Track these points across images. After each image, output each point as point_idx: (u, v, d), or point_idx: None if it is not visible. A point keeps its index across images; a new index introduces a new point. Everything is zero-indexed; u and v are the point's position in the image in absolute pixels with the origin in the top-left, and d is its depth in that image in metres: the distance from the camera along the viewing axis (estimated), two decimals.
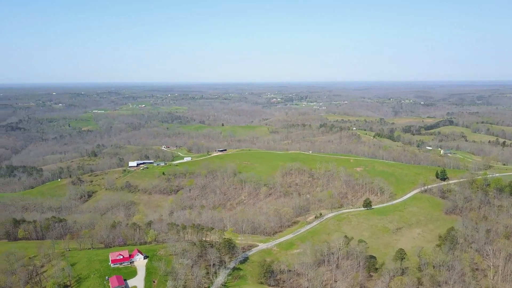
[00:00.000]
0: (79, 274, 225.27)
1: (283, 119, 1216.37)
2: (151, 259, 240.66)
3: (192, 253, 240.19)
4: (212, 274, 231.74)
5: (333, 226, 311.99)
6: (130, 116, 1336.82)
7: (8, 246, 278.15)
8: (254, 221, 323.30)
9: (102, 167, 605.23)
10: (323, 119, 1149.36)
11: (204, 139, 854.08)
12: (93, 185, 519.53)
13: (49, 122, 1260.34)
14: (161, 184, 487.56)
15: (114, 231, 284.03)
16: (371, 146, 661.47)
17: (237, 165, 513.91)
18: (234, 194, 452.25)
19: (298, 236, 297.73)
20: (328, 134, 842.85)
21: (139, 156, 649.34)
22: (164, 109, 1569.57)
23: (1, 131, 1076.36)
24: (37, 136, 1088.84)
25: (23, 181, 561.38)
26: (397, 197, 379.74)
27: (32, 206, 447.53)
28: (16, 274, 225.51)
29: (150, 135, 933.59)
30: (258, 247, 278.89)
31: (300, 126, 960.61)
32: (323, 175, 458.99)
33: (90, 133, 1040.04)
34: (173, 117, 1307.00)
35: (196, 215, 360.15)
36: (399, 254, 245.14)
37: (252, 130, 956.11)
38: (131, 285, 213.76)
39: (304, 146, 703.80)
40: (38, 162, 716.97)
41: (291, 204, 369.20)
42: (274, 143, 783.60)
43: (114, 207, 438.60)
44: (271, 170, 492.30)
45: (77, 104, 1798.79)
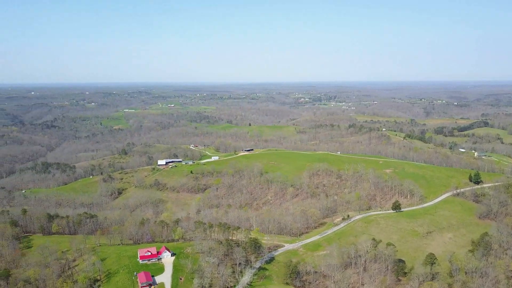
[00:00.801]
0: (108, 269, 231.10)
1: (310, 119, 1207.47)
2: (178, 256, 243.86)
3: (218, 251, 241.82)
4: (238, 273, 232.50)
5: (360, 228, 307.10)
6: (159, 115, 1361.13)
7: (42, 240, 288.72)
8: (280, 222, 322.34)
9: (132, 165, 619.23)
10: (352, 119, 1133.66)
11: (231, 139, 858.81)
12: (123, 182, 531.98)
13: (82, 121, 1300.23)
14: (189, 183, 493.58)
15: (142, 228, 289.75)
16: (401, 147, 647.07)
17: (264, 165, 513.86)
18: (261, 194, 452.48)
19: (325, 238, 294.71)
20: (357, 135, 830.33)
21: (168, 154, 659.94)
22: (193, 108, 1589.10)
23: (37, 129, 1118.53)
24: (71, 134, 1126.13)
25: (57, 177, 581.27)
26: (428, 200, 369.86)
27: (65, 202, 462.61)
28: (49, 267, 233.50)
29: (179, 134, 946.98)
30: (284, 248, 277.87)
31: (328, 127, 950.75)
32: (351, 176, 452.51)
33: (121, 132, 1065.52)
34: (201, 117, 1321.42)
35: (222, 214, 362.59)
36: (429, 258, 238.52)
37: (279, 130, 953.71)
38: (158, 282, 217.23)
39: (332, 146, 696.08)
40: (72, 160, 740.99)
41: (318, 205, 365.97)
42: (302, 143, 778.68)
43: (143, 204, 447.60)
44: (298, 171, 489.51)
45: (109, 103, 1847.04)
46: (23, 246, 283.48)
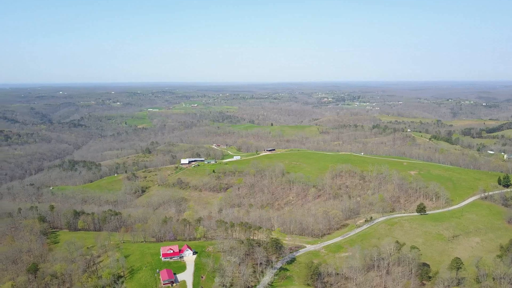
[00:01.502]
0: (132, 265, 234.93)
1: (334, 119, 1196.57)
2: (199, 255, 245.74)
3: (239, 251, 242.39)
4: (259, 273, 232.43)
5: (384, 230, 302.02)
6: (183, 115, 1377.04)
7: (69, 236, 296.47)
8: (302, 222, 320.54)
9: (156, 164, 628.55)
10: (375, 120, 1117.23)
11: (253, 139, 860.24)
12: (146, 181, 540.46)
13: (108, 120, 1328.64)
14: (211, 182, 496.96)
15: (165, 226, 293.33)
16: (427, 149, 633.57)
17: (286, 165, 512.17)
18: (282, 194, 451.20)
19: (347, 239, 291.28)
20: (380, 136, 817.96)
21: (190, 153, 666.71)
22: (216, 108, 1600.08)
23: (65, 128, 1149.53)
24: (97, 133, 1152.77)
25: (83, 175, 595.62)
26: (454, 203, 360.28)
27: (91, 199, 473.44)
28: (75, 263, 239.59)
29: (201, 133, 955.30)
30: (305, 249, 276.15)
31: (352, 127, 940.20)
32: (374, 177, 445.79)
33: (145, 131, 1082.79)
34: (224, 117, 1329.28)
35: (244, 214, 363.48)
36: (455, 263, 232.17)
37: (301, 130, 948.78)
38: (180, 280, 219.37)
39: (355, 147, 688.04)
40: (97, 158, 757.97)
41: (340, 207, 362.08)
42: (324, 144, 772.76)
43: (166, 202, 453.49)
44: (320, 171, 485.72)
45: (134, 102, 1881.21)
46: (51, 241, 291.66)
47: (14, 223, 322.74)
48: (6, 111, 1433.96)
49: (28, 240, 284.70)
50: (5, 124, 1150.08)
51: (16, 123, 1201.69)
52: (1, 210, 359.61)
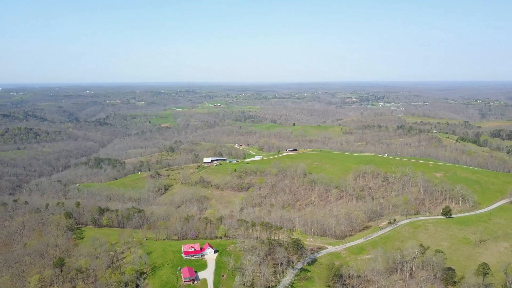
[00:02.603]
0: (154, 262, 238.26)
1: (357, 119, 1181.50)
2: (220, 253, 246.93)
3: (260, 250, 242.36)
4: (280, 273, 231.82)
5: (407, 233, 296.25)
6: (205, 114, 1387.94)
7: (93, 232, 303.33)
8: (323, 223, 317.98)
9: (179, 162, 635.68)
10: (400, 120, 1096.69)
11: (275, 138, 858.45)
12: (169, 179, 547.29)
13: (132, 119, 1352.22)
14: (233, 181, 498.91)
15: (187, 224, 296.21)
16: (453, 150, 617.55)
17: (308, 166, 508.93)
18: (304, 195, 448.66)
19: (370, 242, 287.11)
20: (405, 137, 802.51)
21: (213, 153, 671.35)
22: (238, 108, 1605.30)
23: (91, 126, 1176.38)
24: (122, 131, 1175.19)
25: (108, 172, 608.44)
26: (482, 206, 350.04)
27: (115, 196, 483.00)
28: (99, 258, 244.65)
29: (224, 133, 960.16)
30: (327, 250, 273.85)
31: (376, 127, 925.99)
32: (398, 179, 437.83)
33: (169, 130, 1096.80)
34: (246, 116, 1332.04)
35: (265, 213, 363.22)
36: (481, 268, 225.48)
37: (324, 130, 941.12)
38: (201, 278, 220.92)
39: (379, 148, 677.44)
40: (122, 156, 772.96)
41: (363, 208, 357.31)
42: (347, 144, 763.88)
43: (188, 201, 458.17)
44: (343, 172, 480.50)
45: (158, 102, 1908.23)
46: (76, 236, 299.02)
47: (42, 218, 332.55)
48: (36, 110, 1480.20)
49: (55, 235, 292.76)
50: (35, 122, 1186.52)
51: (45, 121, 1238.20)
52: (30, 205, 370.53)
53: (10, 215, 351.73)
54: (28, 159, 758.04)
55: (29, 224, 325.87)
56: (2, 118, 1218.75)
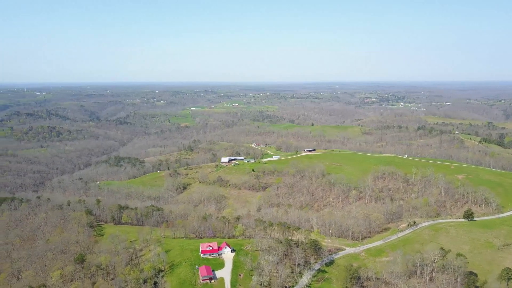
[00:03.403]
0: (172, 260, 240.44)
1: (377, 120, 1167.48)
2: (238, 253, 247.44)
3: (277, 250, 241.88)
4: (297, 273, 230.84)
5: (428, 236, 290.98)
6: (224, 114, 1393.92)
7: (113, 229, 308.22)
8: (341, 224, 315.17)
9: (197, 161, 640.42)
10: (421, 121, 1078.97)
11: (293, 138, 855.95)
12: (188, 178, 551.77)
13: (152, 118, 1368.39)
14: (250, 181, 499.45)
15: (205, 223, 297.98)
16: (476, 152, 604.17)
17: (326, 166, 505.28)
18: (322, 195, 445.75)
19: (388, 244, 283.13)
20: (426, 138, 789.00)
21: (231, 152, 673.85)
22: (256, 107, 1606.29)
23: (112, 125, 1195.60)
24: (141, 130, 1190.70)
25: (128, 171, 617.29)
26: (505, 210, 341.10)
27: (134, 194, 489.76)
28: (119, 255, 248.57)
29: (241, 132, 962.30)
30: (345, 251, 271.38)
31: (396, 128, 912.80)
32: (419, 181, 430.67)
33: (188, 129, 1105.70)
34: (264, 116, 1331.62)
35: (283, 213, 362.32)
36: (505, 273, 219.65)
37: (343, 131, 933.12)
38: (218, 276, 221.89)
39: (399, 149, 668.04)
40: (141, 154, 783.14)
41: (382, 210, 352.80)
42: (367, 145, 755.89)
43: (206, 200, 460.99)
44: (362, 173, 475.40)
45: (177, 101, 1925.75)
46: (96, 233, 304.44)
47: (63, 215, 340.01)
48: (59, 109, 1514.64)
49: (76, 231, 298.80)
50: (57, 121, 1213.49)
51: (67, 120, 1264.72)
52: (52, 202, 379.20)
53: (33, 212, 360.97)
54: (51, 157, 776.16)
55: (51, 220, 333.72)
56: (26, 116, 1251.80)
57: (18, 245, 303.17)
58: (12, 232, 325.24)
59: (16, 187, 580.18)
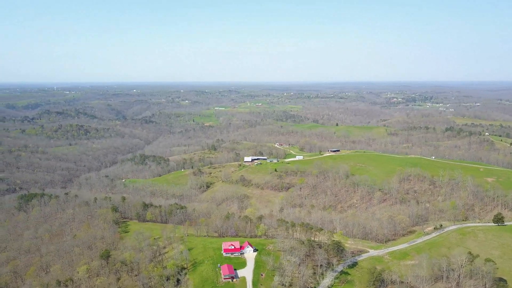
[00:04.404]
0: (195, 258, 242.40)
1: (403, 120, 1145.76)
2: (260, 252, 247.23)
3: (300, 251, 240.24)
4: (319, 275, 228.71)
5: (455, 240, 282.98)
6: (247, 114, 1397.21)
7: (137, 226, 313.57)
8: (365, 226, 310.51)
9: (220, 161, 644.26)
10: (449, 122, 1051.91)
11: (316, 138, 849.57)
12: (211, 176, 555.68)
13: (177, 117, 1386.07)
14: (273, 180, 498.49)
15: (227, 222, 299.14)
16: (507, 154, 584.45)
17: (350, 167, 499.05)
18: (346, 197, 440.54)
19: (414, 247, 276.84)
20: (454, 139, 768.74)
21: (253, 152, 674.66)
22: (280, 107, 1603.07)
23: (137, 124, 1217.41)
24: (166, 129, 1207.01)
25: (153, 169, 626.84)
26: None
27: (159, 192, 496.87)
28: (143, 252, 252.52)
29: (264, 132, 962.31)
30: (368, 253, 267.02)
31: (423, 129, 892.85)
32: (446, 183, 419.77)
33: (211, 129, 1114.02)
34: (288, 116, 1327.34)
35: (305, 214, 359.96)
36: None
37: (368, 131, 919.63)
38: (240, 275, 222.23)
39: (426, 150, 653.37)
40: (166, 153, 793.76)
41: (407, 212, 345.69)
42: (392, 146, 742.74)
43: (229, 199, 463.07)
44: (387, 175, 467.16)
45: (201, 101, 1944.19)
46: (121, 230, 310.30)
47: (90, 211, 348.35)
48: (87, 108, 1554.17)
49: (102, 228, 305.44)
50: (85, 120, 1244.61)
51: (94, 119, 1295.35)
52: (79, 198, 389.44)
53: (61, 207, 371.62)
54: (79, 155, 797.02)
55: (78, 216, 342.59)
56: (56, 115, 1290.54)
57: (47, 239, 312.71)
58: (41, 227, 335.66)
59: (46, 183, 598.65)
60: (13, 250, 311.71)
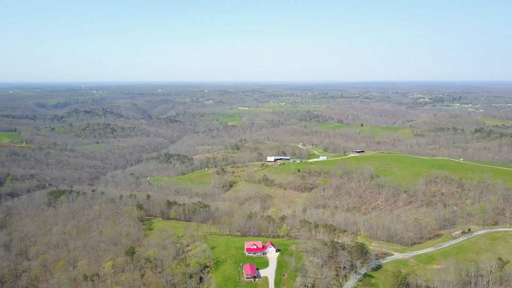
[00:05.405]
0: (217, 257, 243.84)
1: (430, 121, 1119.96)
2: (282, 253, 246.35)
3: (322, 252, 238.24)
4: (342, 277, 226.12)
5: (484, 245, 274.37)
6: (270, 114, 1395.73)
7: (162, 224, 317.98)
8: (390, 229, 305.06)
9: (243, 160, 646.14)
10: (479, 123, 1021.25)
11: (341, 139, 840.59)
12: (234, 176, 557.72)
13: (201, 117, 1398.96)
14: (296, 181, 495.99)
15: (250, 221, 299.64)
16: None
17: (375, 168, 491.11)
18: (370, 198, 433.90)
19: (440, 251, 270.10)
20: (484, 141, 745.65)
21: (276, 152, 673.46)
22: (303, 107, 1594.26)
23: (162, 123, 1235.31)
24: (190, 128, 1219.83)
25: (177, 167, 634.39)
26: None
27: (183, 191, 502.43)
28: (166, 249, 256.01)
29: (288, 132, 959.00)
30: (393, 256, 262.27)
31: (451, 130, 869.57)
32: (475, 186, 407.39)
33: (235, 128, 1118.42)
34: (311, 116, 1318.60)
35: (329, 215, 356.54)
36: None
37: (393, 132, 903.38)
38: (262, 275, 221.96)
39: (454, 152, 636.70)
40: (190, 152, 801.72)
41: (434, 215, 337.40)
42: (419, 147, 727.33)
43: (252, 198, 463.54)
44: (412, 176, 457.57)
45: (225, 101, 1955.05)
46: (146, 227, 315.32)
47: (116, 208, 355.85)
48: (113, 107, 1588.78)
49: (127, 225, 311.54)
50: (112, 118, 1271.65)
51: (121, 118, 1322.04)
52: (106, 196, 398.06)
53: (88, 204, 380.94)
54: (106, 153, 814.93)
55: (105, 213, 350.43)
56: (84, 114, 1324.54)
57: (74, 235, 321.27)
58: (69, 222, 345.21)
59: (74, 180, 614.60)
60: (42, 244, 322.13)
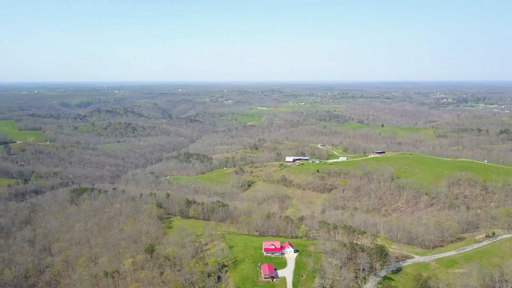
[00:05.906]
0: (235, 256, 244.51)
1: (453, 122, 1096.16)
2: (300, 253, 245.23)
3: (341, 254, 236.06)
4: (361, 279, 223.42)
5: (509, 249, 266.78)
6: (289, 113, 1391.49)
7: (181, 222, 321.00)
8: (410, 231, 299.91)
9: (262, 160, 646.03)
10: (504, 124, 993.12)
11: (361, 139, 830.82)
12: (252, 176, 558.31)
13: (220, 116, 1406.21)
14: (315, 181, 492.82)
15: (268, 221, 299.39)
16: None
17: (396, 169, 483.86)
18: (391, 200, 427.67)
19: (463, 255, 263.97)
20: (510, 142, 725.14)
21: (295, 152, 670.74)
22: (323, 107, 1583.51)
23: (182, 123, 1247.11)
24: (210, 128, 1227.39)
25: (196, 167, 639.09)
26: None
27: (202, 190, 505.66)
28: (185, 248, 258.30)
29: (307, 132, 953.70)
30: (413, 259, 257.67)
31: (475, 131, 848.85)
32: (500, 189, 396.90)
33: (254, 128, 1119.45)
34: (331, 116, 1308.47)
35: (348, 217, 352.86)
36: None
37: (415, 133, 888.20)
38: (280, 276, 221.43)
39: (477, 154, 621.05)
40: (209, 151, 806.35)
41: (456, 218, 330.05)
42: (441, 149, 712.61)
43: (270, 198, 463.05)
44: (434, 178, 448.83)
45: (244, 100, 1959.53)
46: (165, 226, 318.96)
47: (136, 206, 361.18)
48: (134, 106, 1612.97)
49: (147, 223, 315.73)
50: (133, 118, 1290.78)
51: (141, 117, 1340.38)
52: (126, 194, 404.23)
53: (109, 202, 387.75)
54: (126, 152, 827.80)
55: (125, 211, 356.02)
56: (106, 113, 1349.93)
57: (96, 232, 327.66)
58: (91, 220, 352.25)
59: (96, 178, 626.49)
60: (65, 241, 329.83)
